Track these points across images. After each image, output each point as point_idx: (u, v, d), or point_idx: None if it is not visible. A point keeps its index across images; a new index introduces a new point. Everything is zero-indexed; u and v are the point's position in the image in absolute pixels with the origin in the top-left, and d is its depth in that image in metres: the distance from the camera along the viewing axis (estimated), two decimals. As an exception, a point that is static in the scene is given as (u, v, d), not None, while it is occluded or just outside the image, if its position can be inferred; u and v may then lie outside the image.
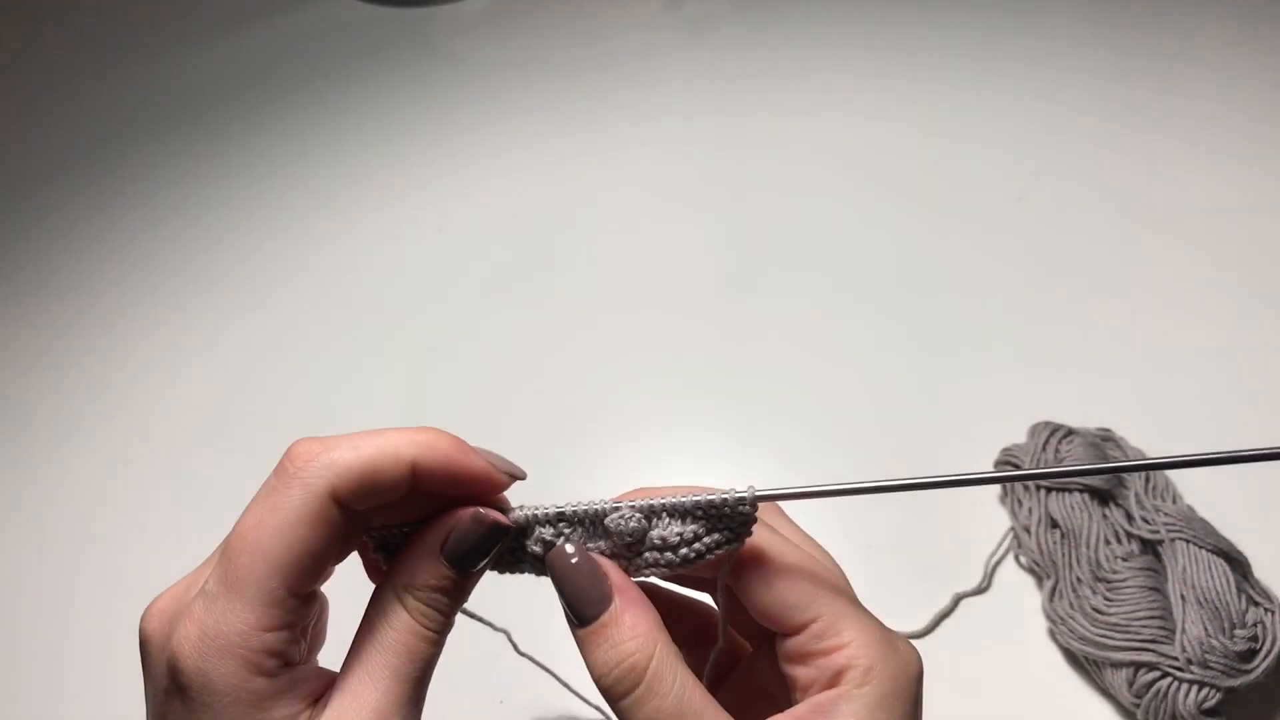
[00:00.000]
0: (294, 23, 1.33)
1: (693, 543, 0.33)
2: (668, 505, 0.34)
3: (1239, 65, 1.04)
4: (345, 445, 0.32)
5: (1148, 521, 0.61)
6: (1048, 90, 1.05)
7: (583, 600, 0.32)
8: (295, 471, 0.31)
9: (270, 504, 0.31)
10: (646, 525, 0.33)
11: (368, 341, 0.90)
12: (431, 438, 0.33)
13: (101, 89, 1.26)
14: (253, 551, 0.30)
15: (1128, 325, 0.80)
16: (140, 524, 0.78)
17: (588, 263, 0.94)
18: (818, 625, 0.33)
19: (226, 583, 0.30)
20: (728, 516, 0.33)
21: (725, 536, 0.33)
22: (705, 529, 0.33)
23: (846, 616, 0.33)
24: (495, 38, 1.28)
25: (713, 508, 0.33)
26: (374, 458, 0.32)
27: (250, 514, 0.31)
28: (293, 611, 0.30)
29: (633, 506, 0.34)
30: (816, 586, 0.34)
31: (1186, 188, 0.91)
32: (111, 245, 1.04)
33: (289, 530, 0.30)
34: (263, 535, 0.30)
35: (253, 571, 0.30)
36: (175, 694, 0.30)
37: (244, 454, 0.82)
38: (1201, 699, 0.53)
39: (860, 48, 1.15)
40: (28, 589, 0.75)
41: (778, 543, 0.35)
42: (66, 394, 0.89)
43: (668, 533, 0.33)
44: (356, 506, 0.32)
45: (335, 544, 0.32)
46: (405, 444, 0.32)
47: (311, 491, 0.31)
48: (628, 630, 0.32)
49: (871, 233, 0.92)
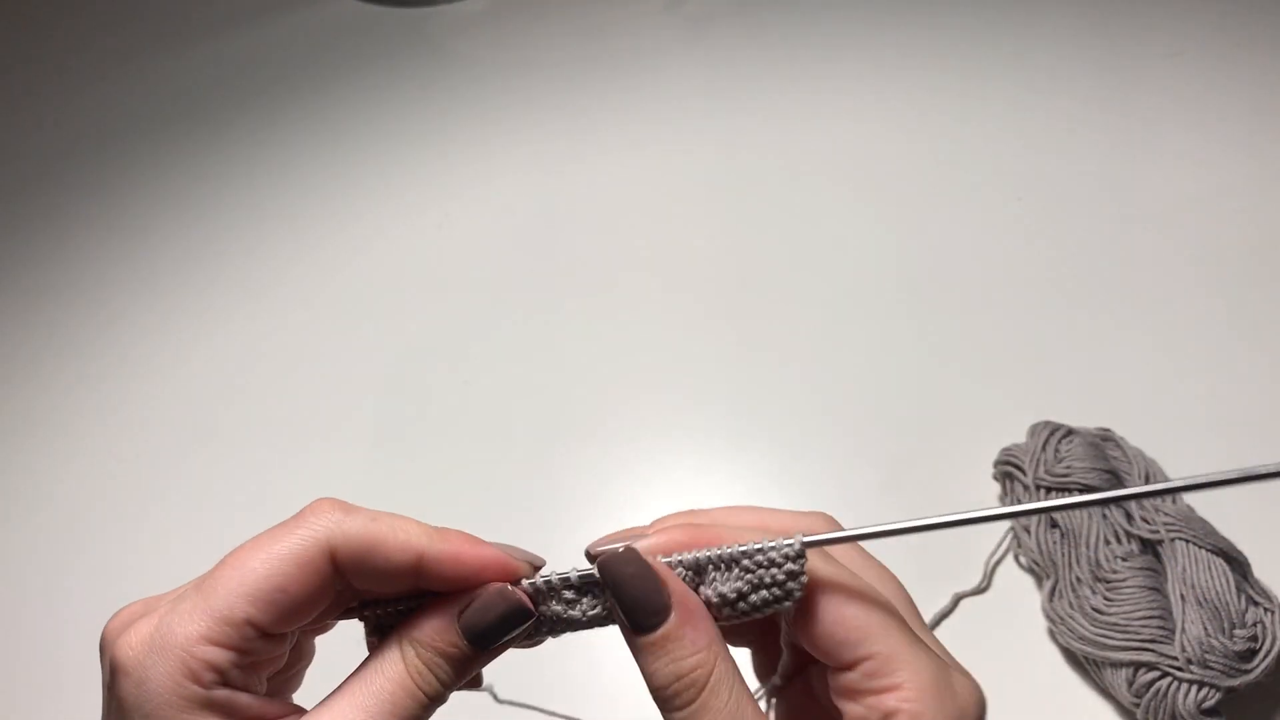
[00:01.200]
0: (294, 23, 1.33)
1: (746, 597, 0.32)
2: (713, 556, 0.32)
3: (1239, 65, 1.04)
4: (363, 514, 0.32)
5: (1147, 521, 0.61)
6: (1048, 90, 1.04)
7: (642, 610, 0.31)
8: (305, 519, 0.31)
9: (270, 536, 0.31)
10: (699, 581, 0.32)
11: (367, 340, 0.90)
12: (443, 531, 0.33)
13: (101, 89, 1.26)
14: (234, 568, 0.30)
15: (1128, 325, 0.80)
16: (138, 523, 0.78)
17: (587, 262, 0.94)
18: (870, 664, 0.31)
19: (199, 590, 0.30)
20: (778, 565, 0.32)
21: (779, 590, 0.32)
22: (761, 581, 0.32)
23: (901, 656, 0.31)
24: (495, 38, 1.28)
25: (761, 555, 0.32)
26: (383, 535, 0.31)
27: (253, 541, 0.31)
28: (248, 639, 0.30)
29: (681, 563, 0.32)
30: (869, 622, 0.32)
31: (1186, 188, 0.91)
32: (111, 245, 1.04)
33: (275, 561, 0.30)
34: (250, 558, 0.30)
35: (225, 585, 0.30)
36: (112, 690, 0.31)
37: (243, 453, 0.82)
38: (1201, 699, 0.53)
39: (860, 48, 1.15)
40: (25, 589, 0.75)
41: (831, 571, 0.33)
42: (66, 394, 0.89)
43: (727, 588, 0.32)
44: (352, 577, 0.32)
45: (315, 595, 0.31)
46: (417, 533, 0.32)
47: (311, 538, 0.31)
48: (689, 644, 0.31)
49: (872, 232, 0.92)
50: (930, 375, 0.79)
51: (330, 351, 0.89)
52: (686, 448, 0.77)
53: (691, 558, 0.32)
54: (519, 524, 0.73)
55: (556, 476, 0.76)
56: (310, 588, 0.31)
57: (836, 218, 0.95)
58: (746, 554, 0.32)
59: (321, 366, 0.88)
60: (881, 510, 0.70)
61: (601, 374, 0.84)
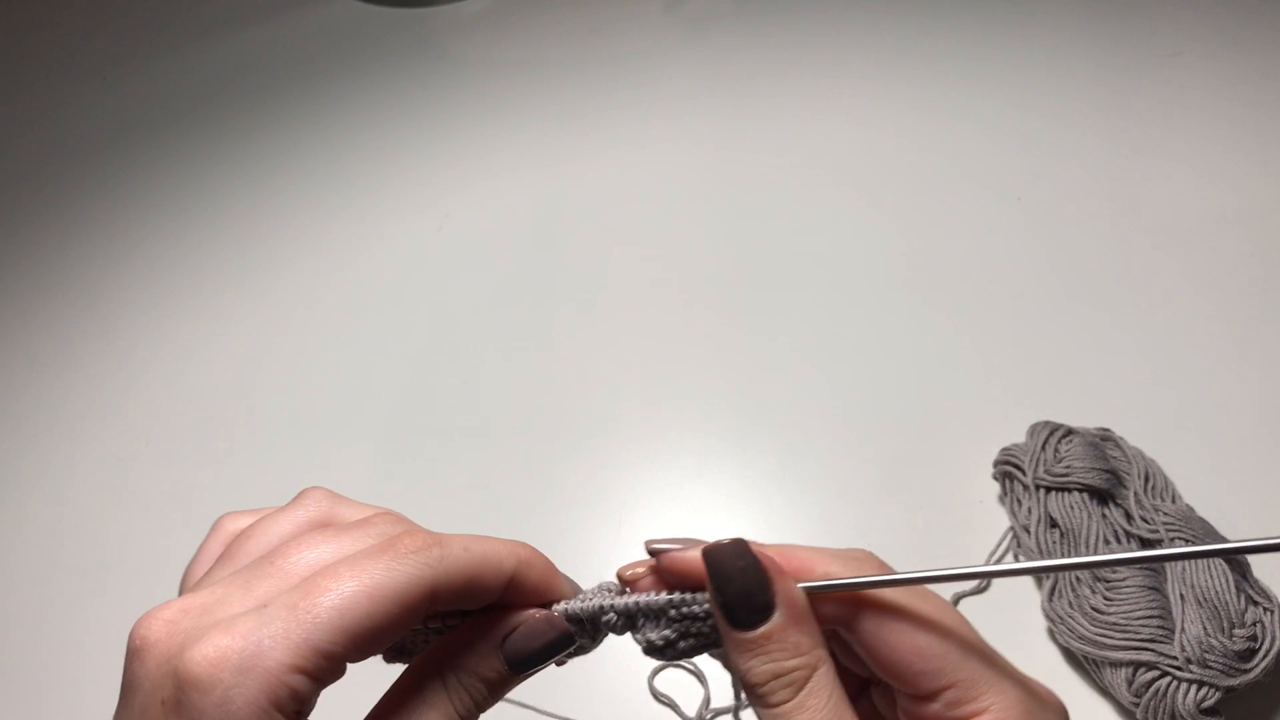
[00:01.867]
0: (294, 23, 1.33)
1: (676, 643, 0.32)
2: (645, 605, 0.33)
3: (1239, 65, 1.04)
4: (456, 545, 0.31)
5: (1147, 521, 0.61)
6: (1047, 90, 1.05)
7: (746, 606, 0.30)
8: (408, 553, 0.30)
9: (374, 567, 0.29)
10: (630, 626, 0.33)
11: (368, 340, 0.90)
12: (529, 555, 0.32)
13: (101, 89, 1.27)
14: (337, 595, 0.28)
15: (1127, 324, 0.80)
16: (139, 523, 0.78)
17: (587, 262, 0.94)
18: (953, 693, 0.30)
19: (295, 612, 0.28)
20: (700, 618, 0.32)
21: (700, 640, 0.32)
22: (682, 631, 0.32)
23: (985, 680, 0.30)
24: (495, 38, 1.28)
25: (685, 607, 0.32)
26: (480, 566, 0.31)
27: (348, 567, 0.29)
28: (333, 673, 0.29)
29: (614, 609, 0.32)
30: (948, 650, 0.30)
31: (1186, 187, 0.91)
32: (111, 245, 1.04)
33: (380, 600, 0.29)
34: (355, 587, 0.28)
35: (328, 615, 0.28)
36: (175, 707, 0.28)
37: (243, 453, 0.82)
38: (1200, 698, 0.53)
39: (860, 48, 1.15)
40: (27, 589, 0.75)
41: (896, 597, 0.31)
42: (65, 393, 0.89)
43: (653, 636, 0.32)
44: (446, 607, 0.31)
45: (402, 634, 0.30)
46: (508, 556, 0.31)
47: (416, 579, 0.29)
48: (792, 647, 0.30)
49: (872, 232, 0.92)
50: (930, 375, 0.79)
51: (330, 351, 0.89)
52: (687, 447, 0.77)
53: (622, 604, 0.32)
54: (519, 524, 0.73)
55: (556, 476, 0.76)
56: (405, 626, 0.29)
57: (836, 217, 0.95)
58: (672, 604, 0.32)
59: (322, 366, 0.88)
60: (881, 509, 0.70)
61: (601, 373, 0.84)
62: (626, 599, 0.32)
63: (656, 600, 0.32)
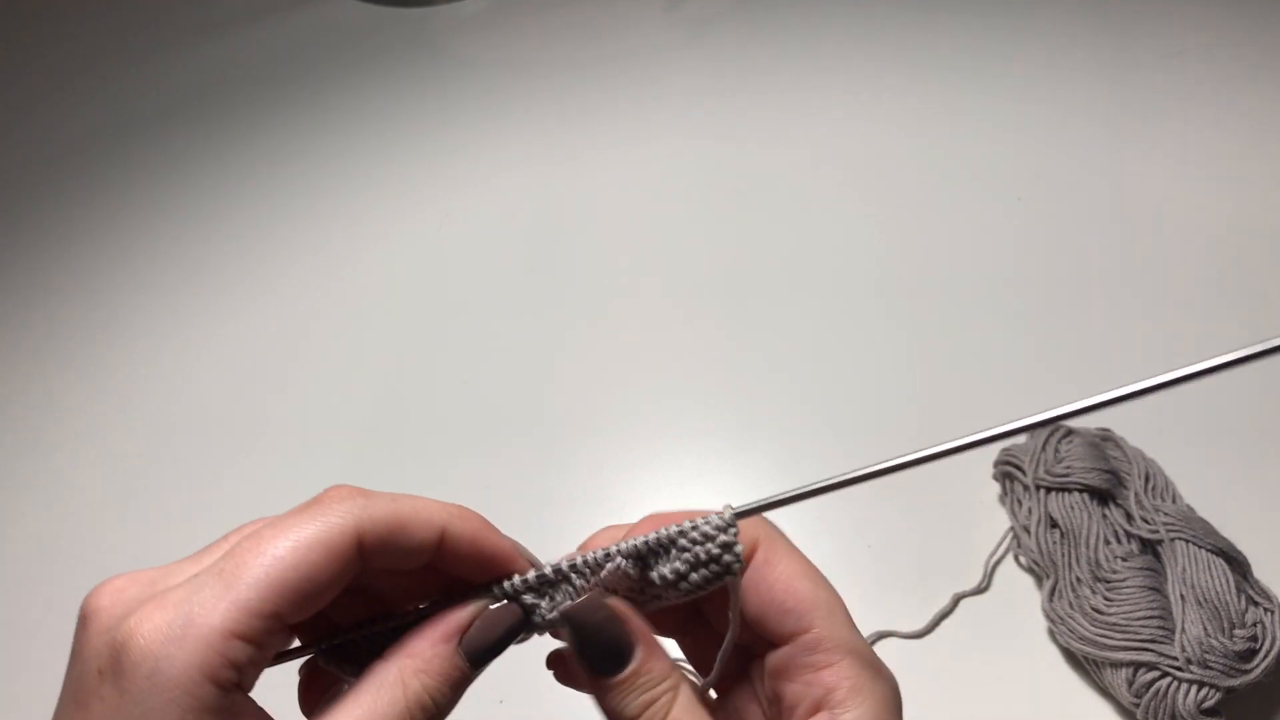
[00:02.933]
0: (294, 23, 1.33)
1: (687, 576, 0.32)
2: (649, 543, 0.32)
3: (1239, 65, 1.04)
4: (383, 496, 0.31)
5: (1147, 521, 0.61)
6: (1048, 90, 1.05)
7: (610, 651, 0.32)
8: (327, 505, 0.30)
9: (295, 522, 0.29)
10: (644, 568, 0.33)
11: (368, 340, 0.90)
12: (461, 512, 0.32)
13: (101, 89, 1.26)
14: (258, 554, 0.28)
15: (1127, 324, 0.80)
16: (138, 523, 0.78)
17: (586, 262, 0.94)
18: (808, 638, 0.33)
19: (223, 577, 0.28)
20: (710, 539, 0.32)
21: (717, 565, 0.32)
22: (697, 558, 0.32)
23: (839, 636, 0.33)
24: (495, 38, 1.28)
25: (694, 532, 0.32)
26: (408, 514, 0.31)
27: (272, 525, 0.30)
28: (269, 633, 0.28)
29: (621, 552, 0.32)
30: (817, 599, 0.33)
31: (1186, 187, 0.91)
32: (111, 245, 1.04)
33: (303, 549, 0.29)
34: (274, 544, 0.29)
35: (252, 573, 0.28)
36: (110, 678, 0.27)
37: (243, 453, 0.82)
38: (1201, 699, 0.53)
39: (860, 48, 1.15)
40: (24, 588, 0.75)
41: (789, 549, 0.35)
42: (65, 393, 0.89)
43: (667, 570, 0.32)
44: (374, 559, 0.30)
45: (337, 584, 0.30)
46: (438, 510, 0.32)
47: (338, 524, 0.29)
48: (657, 675, 0.32)
49: (872, 232, 0.92)
50: (930, 375, 0.79)
51: (331, 351, 0.89)
52: (686, 447, 0.77)
53: (630, 546, 0.33)
54: (518, 524, 0.72)
55: (557, 476, 0.76)
56: (336, 576, 0.29)
57: (836, 217, 0.95)
58: (682, 532, 0.32)
59: (322, 366, 0.88)
60: (881, 509, 0.70)
61: (601, 373, 0.84)
62: (633, 540, 0.33)
63: (665, 532, 0.33)
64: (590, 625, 0.32)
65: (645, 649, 0.32)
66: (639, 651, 0.32)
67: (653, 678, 0.32)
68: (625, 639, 0.32)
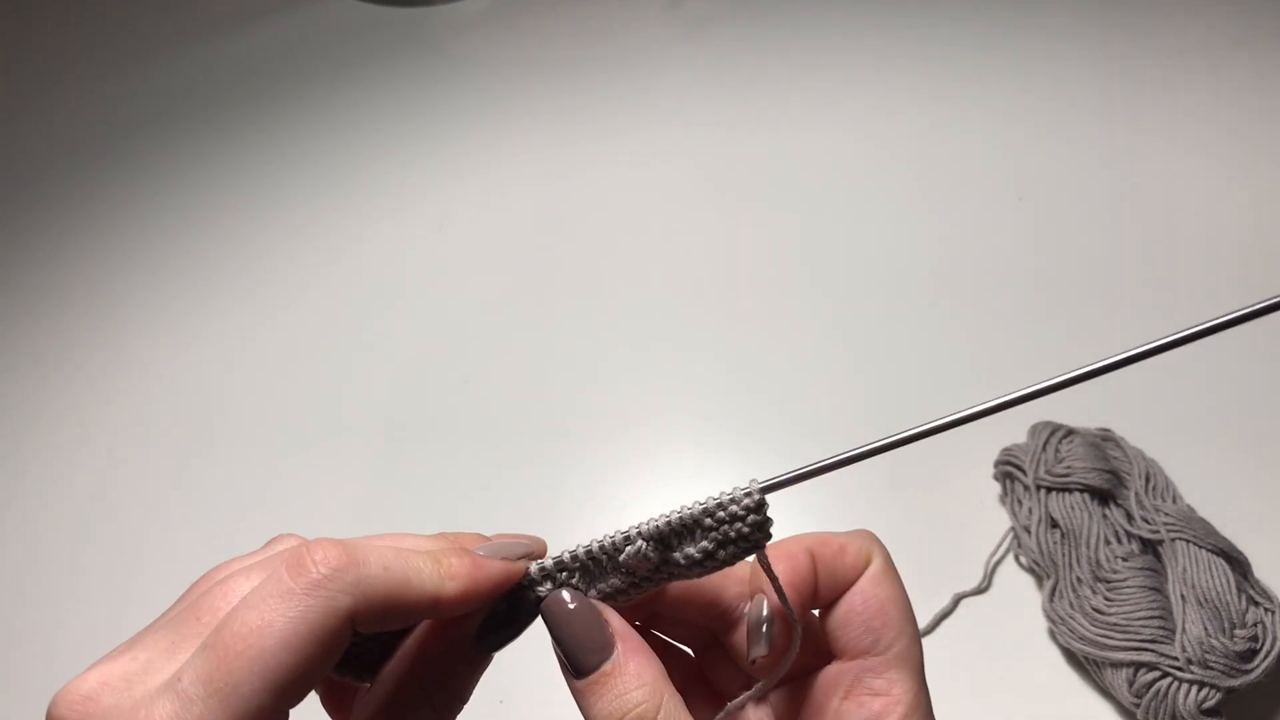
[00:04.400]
0: (294, 23, 1.33)
1: (714, 554, 0.32)
2: (671, 524, 0.31)
3: (1239, 65, 1.04)
4: (375, 563, 0.28)
5: (1148, 521, 0.61)
6: (1048, 90, 1.04)
7: (583, 649, 0.30)
8: (318, 581, 0.27)
9: (282, 608, 0.26)
10: (666, 551, 0.32)
11: (368, 340, 0.90)
12: (457, 568, 0.30)
13: (101, 89, 1.26)
14: (253, 658, 0.25)
15: (1128, 324, 0.80)
16: (138, 523, 0.78)
17: (587, 261, 0.94)
18: (879, 659, 0.32)
19: (212, 686, 0.25)
20: (739, 518, 0.31)
21: (745, 542, 0.32)
22: (726, 536, 0.31)
23: (908, 667, 0.32)
24: (495, 38, 1.28)
25: (721, 511, 0.31)
26: (399, 589, 0.28)
27: (255, 612, 0.26)
28: None
29: (641, 534, 0.31)
30: (901, 629, 0.33)
31: (1187, 187, 0.91)
32: (111, 244, 1.04)
33: (298, 643, 0.26)
34: (267, 641, 0.25)
35: (249, 680, 0.25)
36: None
37: (243, 453, 0.82)
38: (1201, 699, 0.53)
39: (861, 48, 1.15)
40: (23, 587, 0.75)
41: (895, 574, 0.34)
42: (64, 392, 0.89)
43: (694, 550, 0.31)
44: (368, 629, 0.28)
45: (329, 668, 0.28)
46: (430, 577, 0.29)
47: (333, 608, 0.27)
48: (633, 679, 0.30)
49: (872, 232, 0.92)
50: (930, 374, 0.79)
51: (331, 351, 0.89)
52: (686, 447, 0.77)
53: (652, 527, 0.31)
54: (518, 525, 0.72)
55: (556, 476, 0.76)
56: (330, 661, 0.27)
57: (836, 217, 0.95)
58: (708, 512, 0.31)
59: (322, 366, 0.88)
60: (881, 509, 0.70)
61: (601, 373, 0.84)
62: (655, 521, 0.32)
63: (689, 511, 0.31)
64: (564, 620, 0.31)
65: (627, 651, 0.30)
66: (616, 654, 0.30)
67: (627, 684, 0.30)
68: (600, 636, 0.31)
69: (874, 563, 0.34)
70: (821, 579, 0.34)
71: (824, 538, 0.35)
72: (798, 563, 0.33)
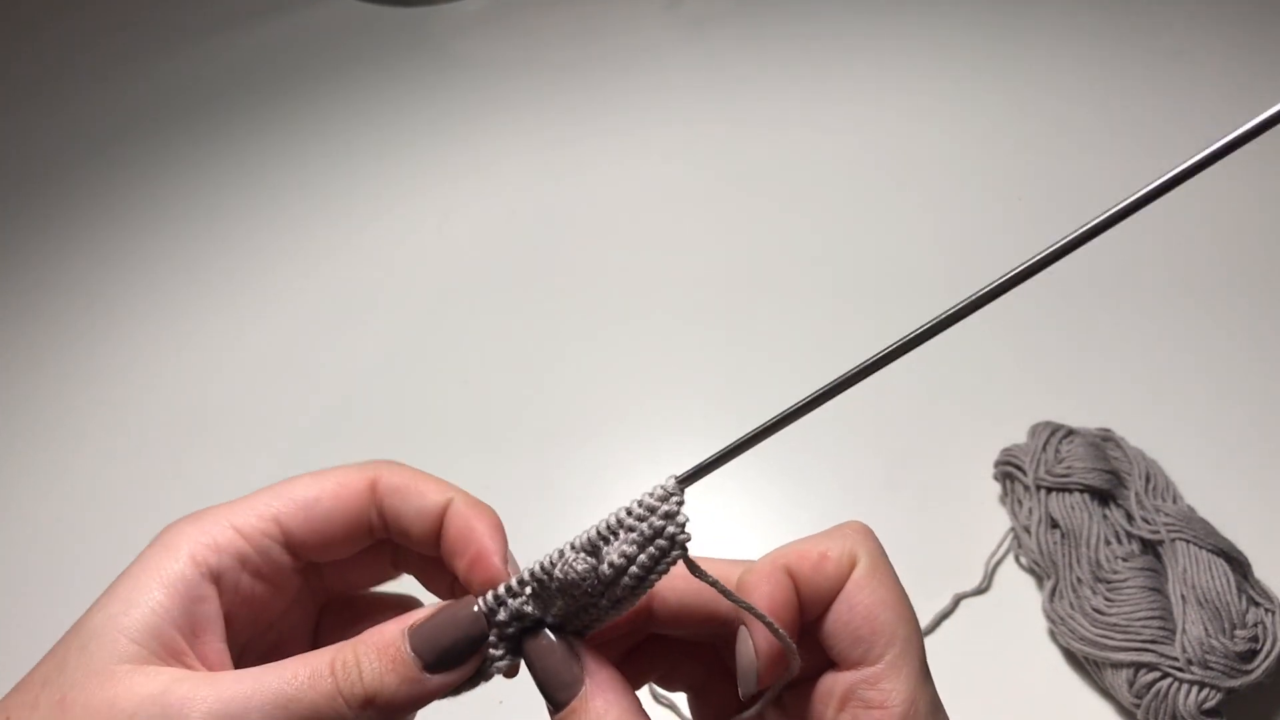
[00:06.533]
0: (294, 23, 1.33)
1: (636, 558, 0.30)
2: (599, 530, 0.31)
3: (1239, 65, 1.04)
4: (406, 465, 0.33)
5: (1148, 522, 0.61)
6: (1048, 90, 1.04)
7: (554, 684, 0.31)
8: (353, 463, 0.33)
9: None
10: (596, 560, 0.31)
11: (368, 340, 0.90)
12: (479, 502, 0.33)
13: (101, 89, 1.26)
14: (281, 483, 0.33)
15: (1128, 325, 0.80)
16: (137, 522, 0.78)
17: (586, 261, 0.94)
18: (872, 670, 0.31)
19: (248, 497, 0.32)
20: (653, 510, 0.31)
21: (663, 539, 0.31)
22: (644, 535, 0.30)
23: (904, 675, 0.31)
24: (495, 38, 1.28)
25: (638, 506, 0.31)
26: (423, 478, 0.33)
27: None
28: (268, 536, 0.31)
29: (572, 545, 0.31)
30: (895, 635, 0.31)
31: (1187, 187, 0.91)
32: (110, 244, 1.04)
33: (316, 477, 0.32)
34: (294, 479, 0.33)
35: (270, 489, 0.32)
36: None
37: (242, 453, 0.82)
38: (1202, 699, 0.53)
39: (860, 48, 1.15)
40: (21, 587, 0.75)
41: (885, 572, 0.33)
42: (64, 392, 0.89)
43: (615, 555, 0.30)
44: (387, 512, 0.32)
45: (350, 519, 0.32)
46: (454, 488, 0.33)
47: (355, 467, 0.32)
48: (597, 714, 0.30)
49: (872, 231, 0.92)
50: (931, 375, 0.79)
51: (331, 351, 0.89)
52: (686, 447, 0.77)
53: (584, 538, 0.31)
54: (517, 525, 0.72)
55: (556, 476, 0.76)
56: (345, 506, 0.31)
57: (836, 217, 0.95)
58: (628, 511, 0.31)
59: (322, 366, 0.88)
60: (881, 509, 0.70)
61: (601, 373, 0.83)
62: (584, 531, 0.31)
63: (614, 514, 0.31)
64: (535, 658, 0.31)
65: (594, 687, 0.30)
66: (583, 691, 0.30)
67: (595, 715, 0.30)
68: (569, 672, 0.31)
69: (859, 565, 0.33)
70: (804, 594, 0.32)
71: (802, 549, 0.33)
72: (775, 583, 0.32)
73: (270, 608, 0.33)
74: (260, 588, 0.32)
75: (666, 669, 0.37)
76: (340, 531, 0.32)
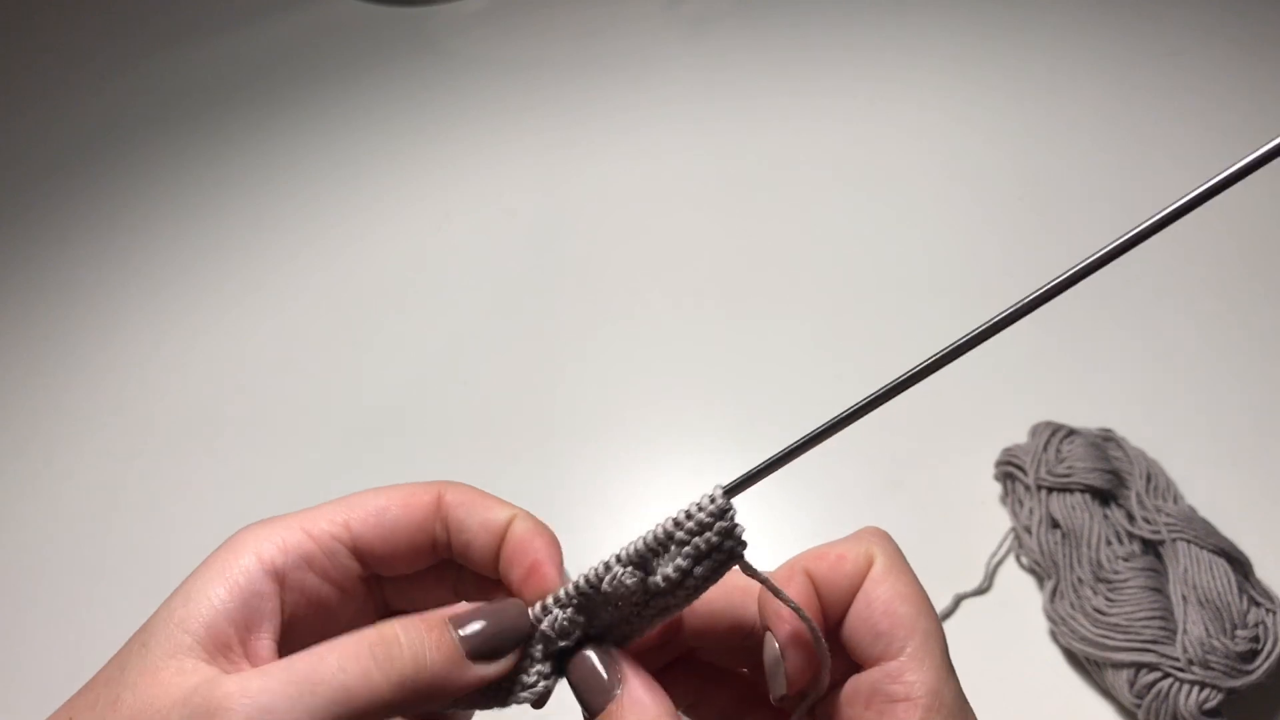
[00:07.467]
0: (294, 23, 1.33)
1: (691, 571, 0.31)
2: (646, 543, 0.31)
3: (1239, 65, 1.04)
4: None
5: (1149, 522, 0.61)
6: (1048, 90, 1.04)
7: (591, 690, 0.31)
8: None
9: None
10: (645, 573, 0.31)
11: (367, 340, 0.90)
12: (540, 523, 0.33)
13: (101, 88, 1.26)
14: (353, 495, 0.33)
15: (1129, 325, 0.80)
16: (137, 522, 0.78)
17: (586, 261, 0.94)
18: (894, 665, 0.31)
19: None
20: (706, 527, 0.30)
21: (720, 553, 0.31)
22: (699, 550, 0.30)
23: (926, 669, 0.31)
24: (495, 37, 1.28)
25: (690, 521, 0.31)
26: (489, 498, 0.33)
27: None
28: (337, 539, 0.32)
29: (619, 559, 0.31)
30: (914, 625, 0.32)
31: (1187, 187, 0.91)
32: (111, 244, 1.04)
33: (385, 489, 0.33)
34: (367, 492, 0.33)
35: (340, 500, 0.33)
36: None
37: (242, 453, 0.82)
38: (1203, 700, 0.53)
39: (861, 48, 1.15)
40: (20, 586, 0.75)
41: (900, 568, 0.34)
42: (64, 392, 0.89)
43: (670, 570, 0.31)
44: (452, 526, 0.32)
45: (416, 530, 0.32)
46: (517, 509, 0.33)
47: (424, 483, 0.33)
48: (639, 711, 0.30)
49: (872, 232, 0.92)
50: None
51: (330, 352, 0.89)
52: (686, 447, 0.77)
53: (631, 551, 0.31)
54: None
55: (556, 477, 0.76)
56: (412, 516, 0.32)
57: (836, 217, 0.94)
58: (678, 524, 0.31)
59: (322, 366, 0.88)
60: (881, 510, 0.70)
61: (600, 373, 0.83)
62: (630, 544, 0.31)
63: (660, 528, 0.31)
64: (573, 666, 0.32)
65: (628, 693, 0.31)
66: (618, 695, 0.31)
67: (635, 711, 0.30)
68: (603, 682, 0.31)
69: (876, 563, 0.33)
70: (824, 596, 0.33)
71: (820, 552, 0.34)
72: (795, 586, 0.32)
73: (336, 615, 0.33)
74: (326, 590, 0.32)
75: (695, 698, 0.37)
76: (406, 542, 0.32)
